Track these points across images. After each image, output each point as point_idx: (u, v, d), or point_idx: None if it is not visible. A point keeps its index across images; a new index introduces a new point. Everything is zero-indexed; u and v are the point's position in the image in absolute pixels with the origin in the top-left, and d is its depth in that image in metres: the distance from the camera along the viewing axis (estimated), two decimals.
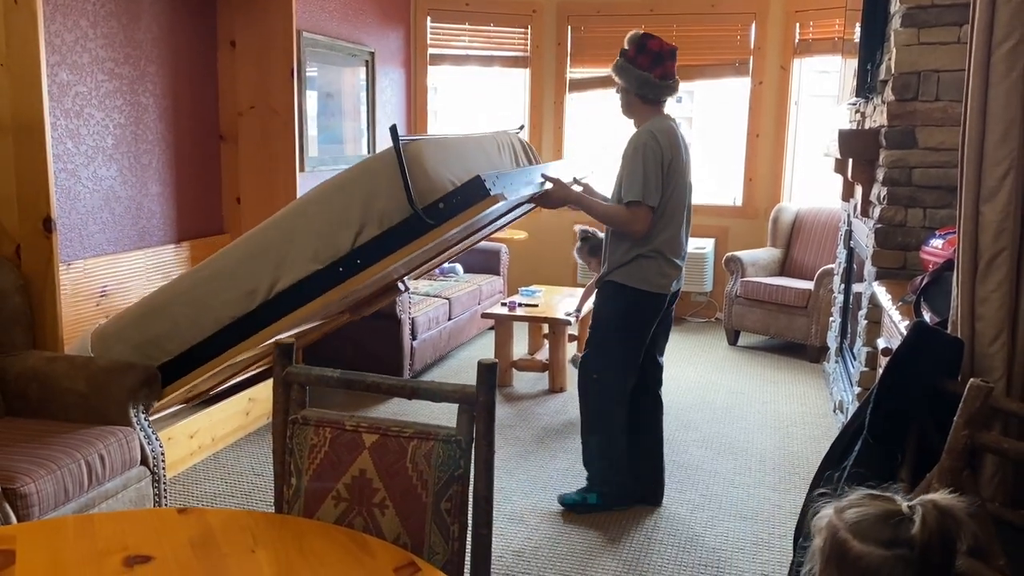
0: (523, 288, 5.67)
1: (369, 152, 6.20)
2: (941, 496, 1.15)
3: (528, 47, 6.85)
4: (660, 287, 3.21)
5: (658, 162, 3.10)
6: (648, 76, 3.15)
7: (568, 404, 4.63)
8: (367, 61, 6.08)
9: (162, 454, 2.96)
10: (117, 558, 1.45)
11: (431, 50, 6.84)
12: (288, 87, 4.45)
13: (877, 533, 1.12)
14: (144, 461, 2.89)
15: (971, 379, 1.79)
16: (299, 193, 4.62)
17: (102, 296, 3.72)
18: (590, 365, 3.32)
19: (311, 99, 5.38)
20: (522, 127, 4.17)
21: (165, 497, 2.97)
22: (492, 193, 2.74)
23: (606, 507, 3.35)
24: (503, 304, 5.17)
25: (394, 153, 2.70)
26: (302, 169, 5.16)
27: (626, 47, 3.19)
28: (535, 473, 3.72)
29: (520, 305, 5.10)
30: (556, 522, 3.28)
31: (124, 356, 2.97)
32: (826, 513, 1.20)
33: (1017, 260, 2.12)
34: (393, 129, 2.74)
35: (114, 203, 3.84)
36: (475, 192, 2.75)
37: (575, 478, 3.63)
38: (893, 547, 1.11)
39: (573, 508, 3.36)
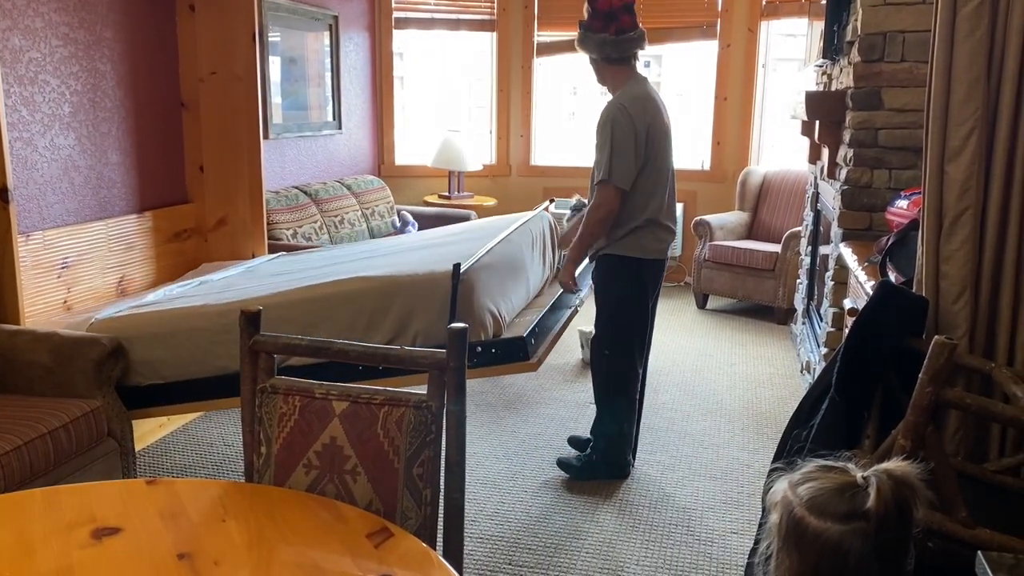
0: None
1: (334, 120, 6.11)
2: (895, 464, 1.14)
3: (495, 10, 6.76)
4: (658, 252, 3.21)
5: (629, 136, 3.03)
6: (604, 37, 3.10)
7: (540, 370, 4.64)
8: (331, 25, 5.97)
9: (130, 426, 2.93)
10: (85, 530, 1.44)
11: (396, 14, 6.73)
12: (250, 52, 4.35)
13: (833, 507, 1.11)
14: (112, 434, 2.86)
15: (935, 336, 1.82)
16: (263, 160, 4.54)
17: (63, 268, 3.65)
18: (601, 342, 3.29)
19: (274, 65, 5.28)
20: (552, 200, 4.33)
21: (134, 470, 2.94)
22: (531, 360, 2.75)
23: (610, 476, 3.34)
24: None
25: (442, 280, 2.68)
26: (266, 136, 5.08)
27: (584, 16, 3.14)
28: (506, 438, 3.74)
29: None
30: (528, 486, 3.30)
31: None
32: (780, 488, 1.18)
33: (981, 218, 2.15)
34: (456, 269, 2.73)
35: (73, 173, 3.75)
36: (514, 352, 2.75)
37: (547, 443, 3.66)
38: (850, 520, 1.10)
39: (574, 473, 3.35)
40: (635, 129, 3.04)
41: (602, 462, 3.36)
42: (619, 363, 3.28)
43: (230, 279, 3.66)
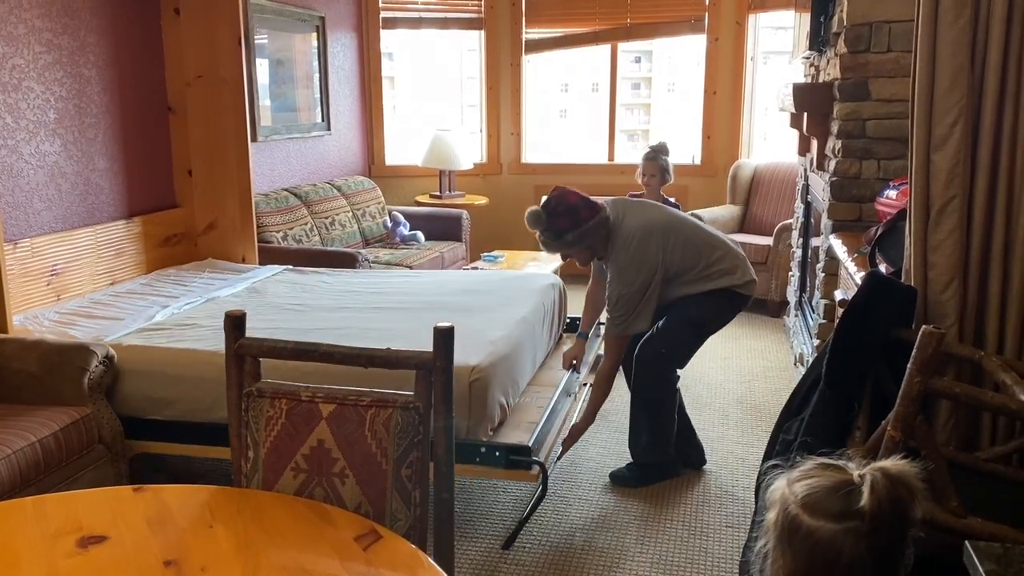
0: (485, 254, 5.65)
1: (323, 121, 6.09)
2: (892, 463, 1.12)
3: (483, 8, 6.75)
4: (748, 289, 3.33)
5: (651, 277, 3.07)
6: (597, 220, 3.05)
7: None
8: (318, 26, 5.95)
9: (121, 433, 2.91)
10: (71, 540, 1.42)
11: (383, 13, 6.71)
12: (236, 55, 4.33)
13: (827, 506, 1.09)
14: (102, 441, 2.84)
15: (924, 326, 1.81)
16: (252, 163, 4.53)
17: (52, 275, 3.63)
18: (660, 341, 3.21)
19: (261, 67, 5.26)
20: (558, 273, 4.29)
21: (125, 477, 2.92)
22: (533, 470, 2.72)
23: (661, 477, 3.30)
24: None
25: (461, 374, 2.64)
26: (255, 139, 5.06)
27: (552, 224, 3.03)
28: None
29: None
30: (522, 483, 3.29)
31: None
32: (778, 486, 1.16)
33: (968, 207, 2.14)
34: (475, 382, 2.73)
35: (60, 179, 3.73)
36: (519, 459, 2.71)
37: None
38: (843, 520, 1.08)
39: (625, 484, 3.28)
40: (656, 266, 3.08)
41: (652, 465, 3.29)
42: (669, 365, 3.26)
43: (240, 305, 3.60)
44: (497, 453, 2.72)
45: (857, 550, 1.07)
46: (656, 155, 4.32)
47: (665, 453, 3.30)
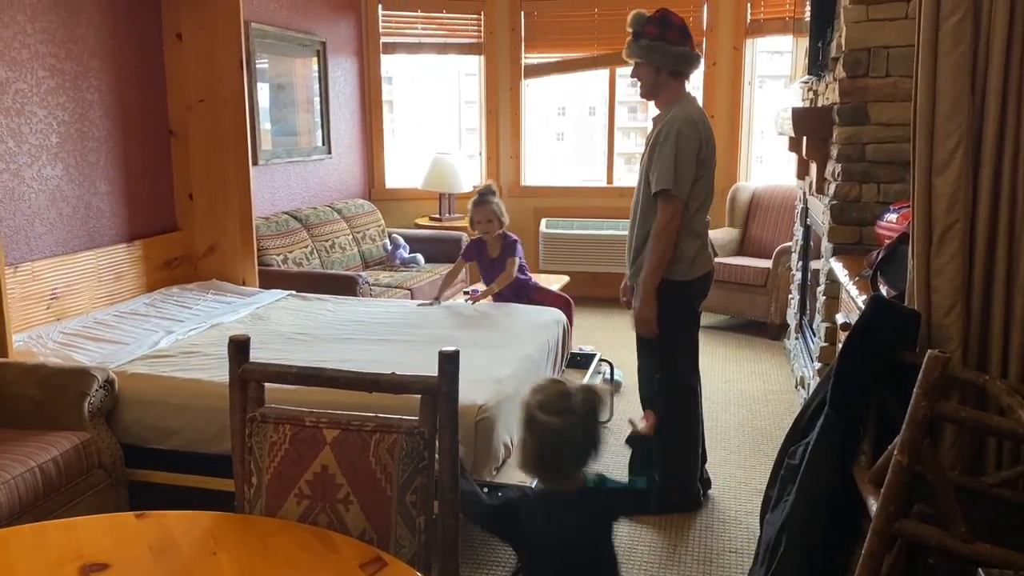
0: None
1: (323, 145, 6.11)
2: (592, 382, 1.60)
3: (482, 33, 6.80)
4: (706, 264, 3.17)
5: (693, 153, 2.98)
6: (684, 50, 3.04)
7: None
8: (318, 51, 5.99)
9: (121, 458, 2.89)
10: (72, 567, 1.41)
11: (384, 38, 6.76)
12: (238, 79, 4.36)
13: (553, 406, 1.73)
14: (102, 466, 2.82)
15: (929, 350, 1.81)
16: (253, 186, 4.54)
17: (52, 299, 3.62)
18: (651, 368, 3.19)
19: (262, 91, 5.28)
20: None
21: (125, 502, 2.90)
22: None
23: (682, 508, 3.23)
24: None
25: (466, 413, 2.64)
26: (255, 163, 5.07)
27: (643, 27, 3.05)
28: None
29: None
30: None
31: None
32: (524, 398, 1.79)
33: (970, 231, 2.15)
34: (481, 421, 2.73)
35: (61, 203, 3.74)
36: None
37: None
38: (563, 414, 1.72)
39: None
40: (700, 144, 3.01)
41: (674, 495, 3.23)
42: (674, 383, 3.20)
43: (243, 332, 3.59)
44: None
45: (571, 432, 1.72)
46: (486, 199, 4.18)
47: (689, 479, 3.26)
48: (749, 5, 6.34)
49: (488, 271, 4.35)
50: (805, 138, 3.99)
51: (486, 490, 2.70)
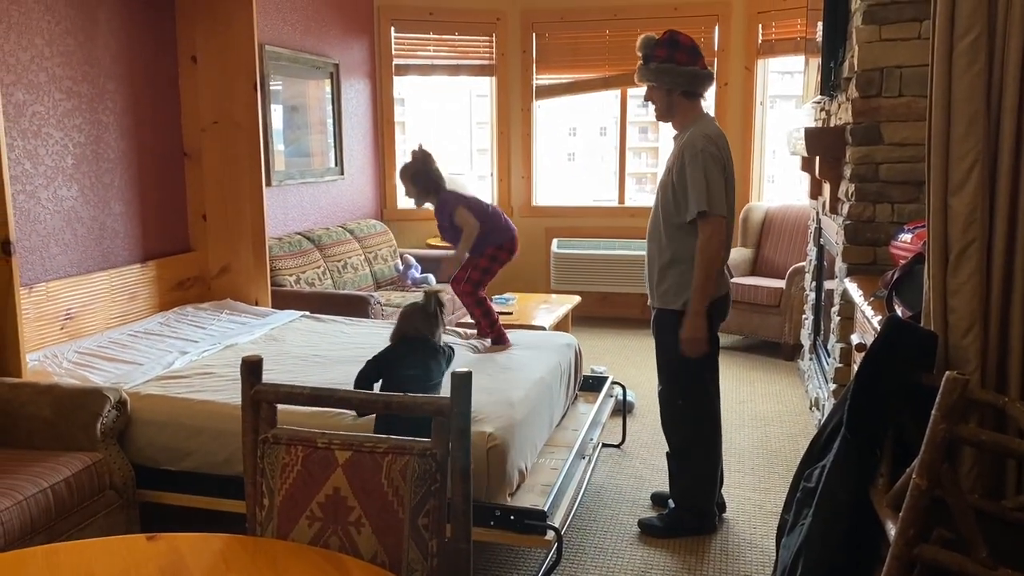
0: (496, 296, 5.64)
1: (336, 166, 6.15)
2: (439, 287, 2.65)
3: (494, 55, 6.84)
4: (724, 287, 3.14)
5: (720, 169, 2.98)
6: (694, 70, 3.05)
7: None
8: (332, 73, 6.03)
9: (133, 479, 2.89)
10: None
11: (396, 60, 6.81)
12: (252, 101, 4.39)
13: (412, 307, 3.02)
14: (114, 487, 2.82)
15: (947, 372, 1.79)
16: (266, 208, 4.56)
17: (67, 319, 3.64)
18: (674, 393, 3.18)
19: (276, 113, 5.32)
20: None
21: (136, 523, 2.89)
22: (548, 536, 2.67)
23: (698, 531, 3.21)
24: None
25: (481, 451, 2.64)
26: (269, 183, 5.10)
27: (653, 50, 3.07)
28: None
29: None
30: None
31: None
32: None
33: (987, 251, 2.13)
34: (493, 447, 2.72)
35: (76, 224, 3.76)
36: (534, 523, 2.68)
37: None
38: (415, 305, 2.98)
39: (657, 533, 3.21)
40: (723, 163, 3.01)
41: (690, 517, 3.21)
42: (697, 408, 3.18)
43: (257, 353, 3.58)
44: (512, 517, 2.67)
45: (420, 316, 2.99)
46: (401, 174, 4.06)
47: (705, 500, 3.23)
48: (760, 26, 6.36)
49: (450, 237, 4.03)
50: (818, 158, 3.98)
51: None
